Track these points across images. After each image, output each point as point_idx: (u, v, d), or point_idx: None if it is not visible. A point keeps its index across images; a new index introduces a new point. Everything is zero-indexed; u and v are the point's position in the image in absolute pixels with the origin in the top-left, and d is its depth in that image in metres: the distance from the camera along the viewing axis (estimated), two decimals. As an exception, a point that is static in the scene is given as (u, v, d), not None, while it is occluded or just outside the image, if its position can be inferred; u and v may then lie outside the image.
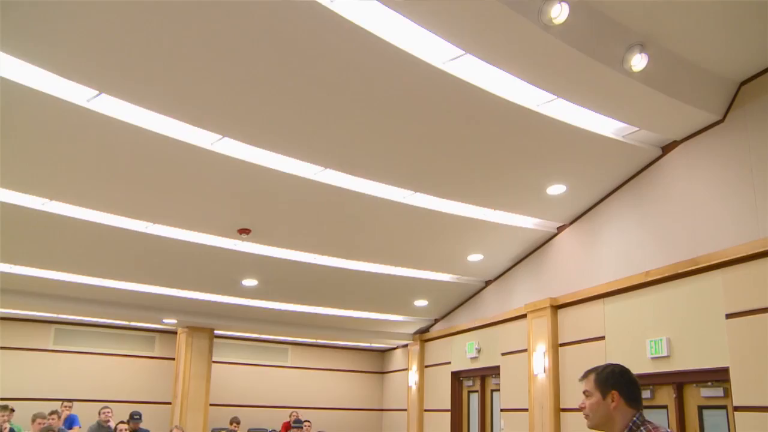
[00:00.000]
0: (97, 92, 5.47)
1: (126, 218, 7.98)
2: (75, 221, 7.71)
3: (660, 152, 7.22)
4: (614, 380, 2.79)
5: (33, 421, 9.18)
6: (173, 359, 13.22)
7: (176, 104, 5.79)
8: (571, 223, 8.72)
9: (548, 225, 8.89)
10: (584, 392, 2.87)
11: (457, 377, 11.85)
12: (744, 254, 6.04)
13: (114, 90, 5.50)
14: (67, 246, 8.56)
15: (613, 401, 2.75)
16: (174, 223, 8.25)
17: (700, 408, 6.73)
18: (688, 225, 6.82)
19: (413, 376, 13.23)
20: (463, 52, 5.28)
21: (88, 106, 5.55)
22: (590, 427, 2.87)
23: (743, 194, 6.19)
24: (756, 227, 5.99)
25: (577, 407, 2.94)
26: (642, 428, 2.67)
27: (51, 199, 7.33)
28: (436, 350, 12.58)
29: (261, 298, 11.16)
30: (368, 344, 15.41)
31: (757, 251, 5.92)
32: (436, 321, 12.69)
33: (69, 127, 5.91)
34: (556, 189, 7.75)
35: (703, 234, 6.60)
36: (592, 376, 2.86)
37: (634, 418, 2.71)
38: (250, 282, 10.21)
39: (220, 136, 6.30)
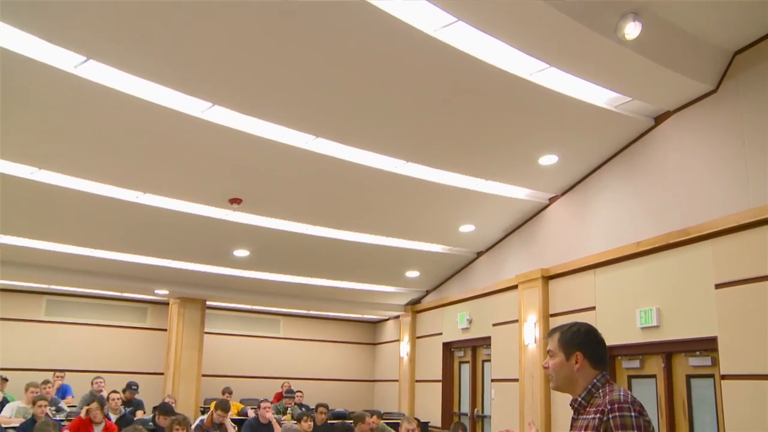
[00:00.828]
0: (85, 58, 5.40)
1: (116, 188, 7.93)
2: (64, 191, 7.65)
3: (652, 123, 7.20)
4: (579, 341, 2.69)
5: (26, 390, 9.19)
6: (165, 330, 13.23)
7: (165, 71, 5.73)
8: (563, 194, 8.71)
9: (540, 196, 8.89)
10: (548, 351, 2.78)
11: (448, 348, 11.91)
12: (734, 224, 6.05)
13: (102, 56, 5.43)
14: (57, 216, 8.51)
15: (576, 362, 2.66)
16: (165, 193, 8.20)
17: (688, 377, 6.79)
18: (679, 196, 6.83)
19: (405, 347, 13.30)
20: (456, 19, 5.22)
21: (75, 72, 5.49)
22: (553, 388, 2.80)
23: (735, 165, 6.19)
24: (747, 198, 6.00)
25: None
26: (601, 390, 2.59)
27: (40, 168, 7.27)
28: (428, 321, 12.64)
29: (253, 269, 11.16)
30: (360, 315, 15.47)
31: (747, 221, 5.93)
32: (428, 292, 12.73)
33: (56, 94, 5.85)
34: (548, 159, 7.73)
35: (694, 204, 6.61)
36: (556, 336, 2.76)
37: (595, 380, 2.63)
38: (241, 252, 10.19)
39: (211, 104, 6.25)
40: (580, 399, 2.64)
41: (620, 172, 7.72)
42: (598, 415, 2.48)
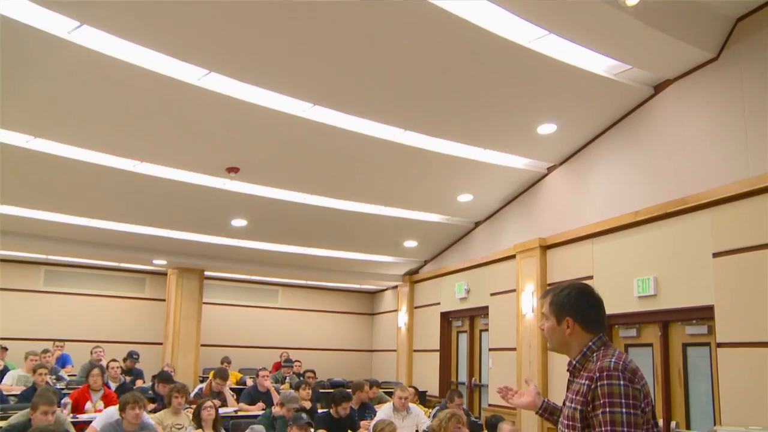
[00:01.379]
0: (79, 24, 5.33)
1: (112, 156, 7.88)
2: (60, 159, 7.61)
3: (652, 91, 7.15)
4: (569, 306, 2.62)
5: (26, 358, 9.24)
6: (164, 300, 13.26)
7: (161, 37, 5.66)
8: (561, 163, 8.68)
9: (538, 165, 8.86)
10: (542, 313, 2.73)
11: (446, 318, 11.96)
12: (733, 193, 6.05)
13: (96, 21, 5.36)
14: (53, 185, 8.47)
15: (567, 327, 2.61)
16: (162, 162, 8.16)
17: (685, 345, 6.83)
18: (678, 164, 6.80)
19: (403, 317, 13.36)
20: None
21: (69, 38, 5.42)
22: (549, 350, 2.77)
23: (735, 133, 6.16)
24: (746, 166, 5.98)
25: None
26: (596, 354, 2.54)
27: (35, 137, 7.21)
28: (426, 291, 12.67)
29: (250, 239, 11.15)
30: (358, 286, 15.50)
31: (745, 190, 5.93)
32: (426, 262, 12.75)
33: (50, 61, 5.78)
34: (546, 128, 7.69)
35: (693, 173, 6.59)
36: (549, 298, 2.70)
37: (590, 343, 2.58)
38: (239, 222, 10.18)
39: (207, 71, 6.19)
40: (574, 362, 2.61)
41: (619, 141, 7.68)
42: (587, 382, 2.45)
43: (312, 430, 5.86)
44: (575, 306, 2.62)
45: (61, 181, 8.37)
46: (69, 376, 10.28)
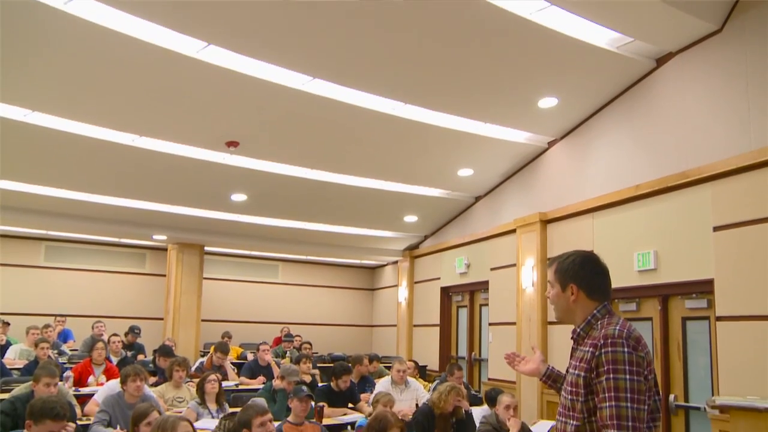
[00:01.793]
0: (75, -5, 5.28)
1: (111, 131, 7.83)
2: (59, 133, 7.56)
3: (654, 64, 7.09)
4: (573, 272, 2.64)
5: (27, 333, 9.30)
6: (164, 276, 13.29)
7: (160, 9, 5.59)
8: (562, 137, 8.64)
9: (539, 139, 8.82)
10: (548, 281, 2.75)
11: (446, 292, 11.99)
12: (734, 167, 6.02)
13: (93, -8, 5.30)
14: (52, 160, 8.44)
15: (572, 294, 2.62)
16: (161, 136, 8.12)
17: (684, 319, 6.85)
18: (679, 138, 6.77)
19: (403, 292, 13.39)
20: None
21: (65, 9, 5.36)
22: (556, 318, 2.79)
23: (737, 107, 6.12)
24: (748, 140, 5.95)
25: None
26: (600, 322, 2.56)
27: (33, 110, 7.17)
28: (426, 266, 12.69)
29: (250, 214, 11.13)
30: (358, 261, 15.52)
31: (746, 164, 5.90)
32: (426, 237, 12.75)
33: (46, 33, 5.72)
34: (547, 102, 7.64)
35: (694, 147, 6.56)
36: (554, 266, 2.72)
37: (595, 311, 2.60)
38: (239, 197, 10.16)
39: (206, 44, 6.13)
40: (579, 330, 2.62)
41: (620, 115, 7.64)
42: (591, 349, 2.46)
43: (313, 403, 5.89)
44: (580, 273, 2.63)
45: (60, 156, 8.33)
46: (71, 350, 10.33)
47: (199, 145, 8.39)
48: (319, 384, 8.32)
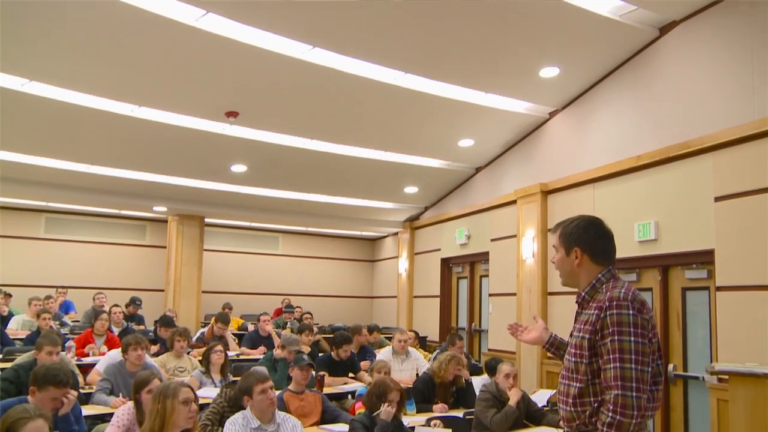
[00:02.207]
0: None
1: (110, 100, 7.77)
2: (57, 103, 7.50)
3: (657, 33, 7.02)
4: (577, 236, 2.65)
5: (29, 303, 9.33)
6: (164, 247, 13.32)
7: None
8: (564, 107, 8.59)
9: (540, 110, 8.76)
10: (553, 246, 2.77)
11: (446, 264, 12.01)
12: (736, 137, 5.99)
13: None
14: (50, 130, 8.38)
15: (576, 258, 2.64)
16: (160, 106, 8.06)
17: (684, 290, 6.86)
18: (682, 108, 6.73)
19: (403, 264, 13.41)
20: None
21: (62, -24, 5.30)
22: (561, 283, 2.79)
23: (741, 77, 6.07)
24: (751, 109, 5.90)
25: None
26: (605, 285, 2.56)
27: (30, 80, 7.12)
28: (426, 237, 12.69)
29: (250, 185, 11.11)
30: (359, 232, 15.52)
31: (749, 133, 5.87)
32: (426, 208, 12.74)
33: (43, 1, 5.64)
34: (549, 71, 7.57)
35: (696, 117, 6.52)
36: (559, 230, 2.74)
37: (599, 275, 2.60)
38: (239, 168, 10.12)
39: (205, 12, 6.07)
40: (583, 294, 2.63)
41: (622, 84, 7.58)
42: (596, 312, 2.48)
43: (313, 372, 5.92)
44: (584, 237, 2.65)
45: (58, 126, 8.28)
46: (72, 321, 10.37)
47: (198, 115, 8.33)
48: (320, 355, 8.36)
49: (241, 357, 8.49)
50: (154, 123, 8.26)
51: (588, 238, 2.65)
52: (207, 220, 13.12)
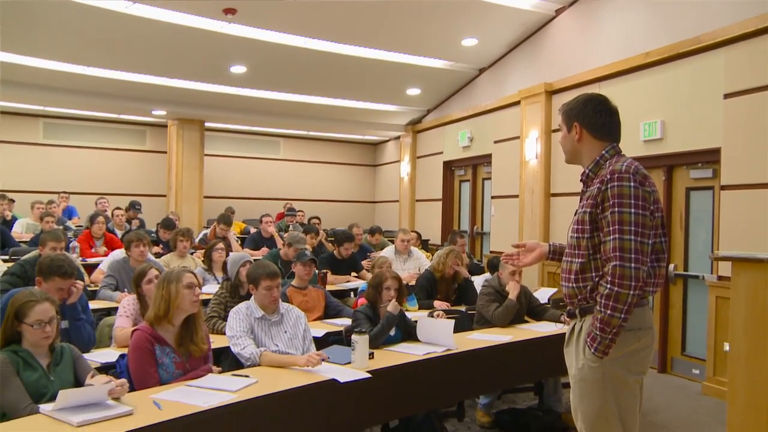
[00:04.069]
0: None
1: (103, -5, 7.55)
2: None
3: None
4: (576, 111, 2.64)
5: (32, 207, 9.33)
6: (165, 153, 13.24)
7: None
8: (571, 4, 8.33)
9: (546, 6, 8.49)
10: (559, 125, 2.76)
11: (449, 167, 11.95)
12: (749, 30, 5.82)
13: None
14: (43, 27, 8.16)
15: (576, 133, 2.62)
16: (155, 2, 7.79)
17: (688, 189, 6.83)
18: (694, 1, 6.51)
19: (405, 168, 13.35)
20: None
21: None
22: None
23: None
24: (765, 1, 5.70)
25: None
26: (608, 162, 2.54)
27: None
28: (429, 141, 12.59)
29: (250, 86, 10.92)
30: (360, 136, 15.39)
31: (763, 26, 5.69)
32: (429, 111, 12.57)
33: None
34: (557, -36, 7.32)
35: (709, 11, 6.33)
36: (562, 109, 2.73)
37: (603, 151, 2.59)
38: (238, 68, 9.92)
39: None
40: (587, 171, 2.62)
41: (633, -23, 7.33)
42: (598, 185, 2.47)
43: (316, 270, 5.96)
44: (583, 111, 2.63)
45: (50, 23, 8.05)
46: (76, 226, 10.39)
47: (195, 11, 8.07)
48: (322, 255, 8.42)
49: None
50: (150, 20, 8.02)
51: (587, 113, 2.62)
52: (207, 124, 13.01)
